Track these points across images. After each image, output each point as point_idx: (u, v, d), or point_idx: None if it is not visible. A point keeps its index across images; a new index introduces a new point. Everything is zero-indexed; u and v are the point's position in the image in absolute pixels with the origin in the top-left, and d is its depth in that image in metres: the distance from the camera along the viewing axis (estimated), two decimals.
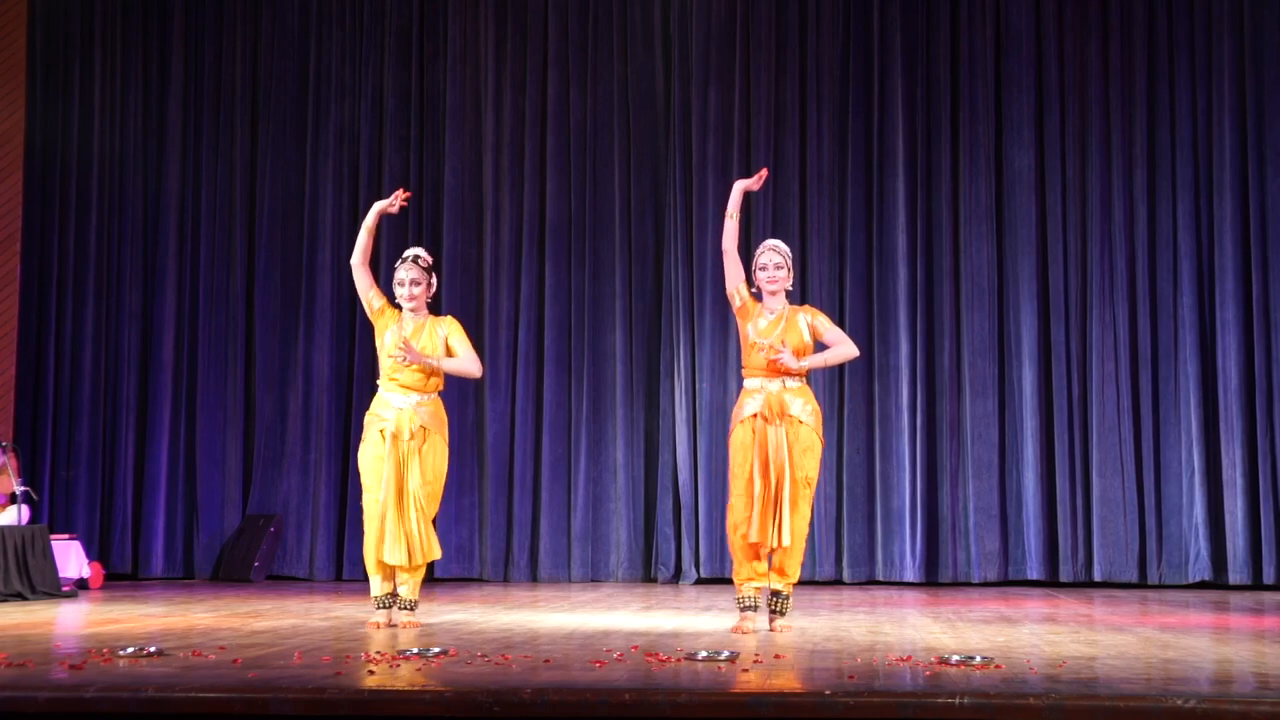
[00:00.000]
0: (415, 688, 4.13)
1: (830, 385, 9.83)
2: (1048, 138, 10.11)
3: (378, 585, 6.30)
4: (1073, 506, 9.81)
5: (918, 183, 10.18)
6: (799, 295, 10.18)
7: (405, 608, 6.31)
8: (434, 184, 10.63)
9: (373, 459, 6.28)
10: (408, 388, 6.28)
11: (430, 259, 6.46)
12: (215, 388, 10.64)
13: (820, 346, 6.13)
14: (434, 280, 6.45)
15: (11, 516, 8.82)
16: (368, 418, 6.38)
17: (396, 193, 6.44)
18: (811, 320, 6.10)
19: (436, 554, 6.29)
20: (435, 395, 6.38)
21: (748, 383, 6.08)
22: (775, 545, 5.88)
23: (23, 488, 8.93)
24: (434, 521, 6.35)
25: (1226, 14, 9.92)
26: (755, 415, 5.97)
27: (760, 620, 6.04)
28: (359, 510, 10.28)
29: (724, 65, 10.42)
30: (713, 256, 10.26)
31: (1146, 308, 9.91)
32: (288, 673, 4.47)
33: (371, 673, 4.44)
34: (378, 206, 6.41)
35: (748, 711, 3.89)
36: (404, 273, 6.36)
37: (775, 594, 6.03)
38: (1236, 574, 9.48)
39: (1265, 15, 9.88)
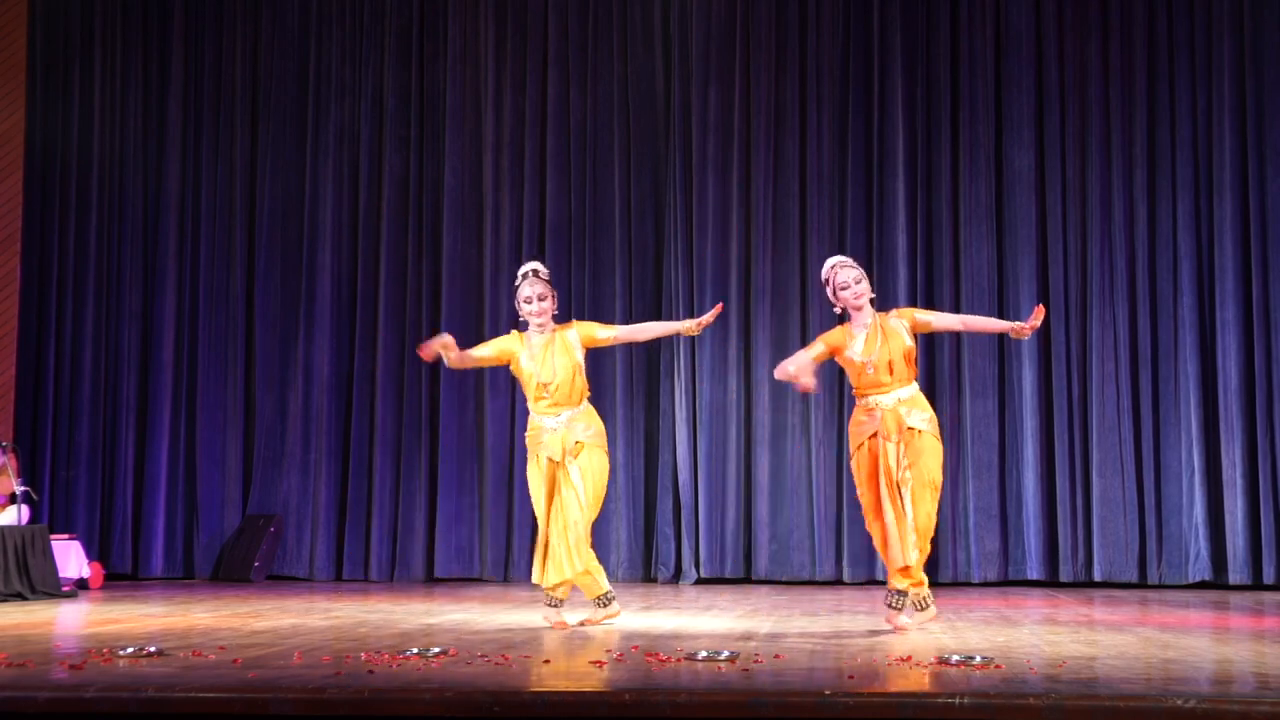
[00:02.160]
0: (415, 688, 4.13)
1: (831, 384, 9.82)
2: (1048, 138, 10.10)
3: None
4: (1073, 506, 9.80)
5: (918, 183, 10.17)
6: (800, 293, 10.19)
7: (552, 604, 6.40)
8: (434, 184, 10.63)
9: (533, 485, 6.39)
10: (557, 405, 6.30)
11: (549, 272, 6.44)
12: (215, 388, 10.64)
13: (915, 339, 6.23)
14: (555, 292, 6.39)
15: (11, 516, 8.82)
16: (528, 440, 6.43)
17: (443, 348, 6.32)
18: (907, 322, 6.18)
19: (580, 567, 6.28)
20: (586, 404, 6.39)
21: (863, 402, 6.16)
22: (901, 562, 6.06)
23: (23, 488, 8.94)
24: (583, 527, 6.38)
25: (1226, 14, 9.92)
26: (875, 435, 6.07)
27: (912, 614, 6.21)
28: (359, 510, 10.43)
29: (724, 65, 10.41)
30: (713, 256, 10.27)
31: (1146, 308, 9.90)
32: (288, 673, 4.47)
33: (371, 672, 4.44)
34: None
35: (748, 711, 3.89)
36: (529, 288, 6.28)
37: (898, 592, 6.14)
38: (1236, 574, 9.48)
39: (1265, 15, 9.87)
